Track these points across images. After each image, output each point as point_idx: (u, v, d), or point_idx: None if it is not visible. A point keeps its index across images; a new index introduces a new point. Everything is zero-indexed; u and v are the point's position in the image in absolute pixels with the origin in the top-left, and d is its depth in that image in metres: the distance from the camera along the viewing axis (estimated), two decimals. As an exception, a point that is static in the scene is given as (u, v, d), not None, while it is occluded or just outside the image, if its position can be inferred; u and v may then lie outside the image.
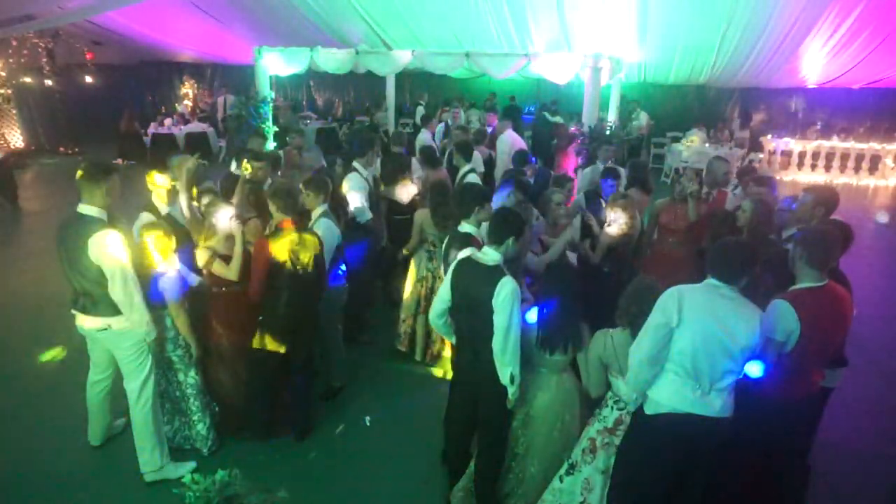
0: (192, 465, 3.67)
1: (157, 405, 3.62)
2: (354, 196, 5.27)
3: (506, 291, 2.93)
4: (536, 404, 3.21)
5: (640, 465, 2.78)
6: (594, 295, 3.56)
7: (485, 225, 3.69)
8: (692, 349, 2.59)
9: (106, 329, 3.41)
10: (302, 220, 4.10)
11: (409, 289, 5.04)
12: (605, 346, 2.95)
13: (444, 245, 3.85)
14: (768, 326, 2.79)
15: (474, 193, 3.80)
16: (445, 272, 3.64)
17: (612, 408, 3.00)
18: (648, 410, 2.74)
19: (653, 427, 2.72)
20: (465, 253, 3.26)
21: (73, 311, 3.50)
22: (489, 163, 7.43)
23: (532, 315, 3.14)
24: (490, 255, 3.07)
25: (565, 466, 3.07)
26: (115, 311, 3.35)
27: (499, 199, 4.32)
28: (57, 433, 4.06)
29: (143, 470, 3.57)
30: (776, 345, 2.83)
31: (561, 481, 3.07)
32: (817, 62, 12.03)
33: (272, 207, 3.84)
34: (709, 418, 2.64)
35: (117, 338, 3.43)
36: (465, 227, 3.65)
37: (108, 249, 3.24)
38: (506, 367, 2.98)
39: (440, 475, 3.69)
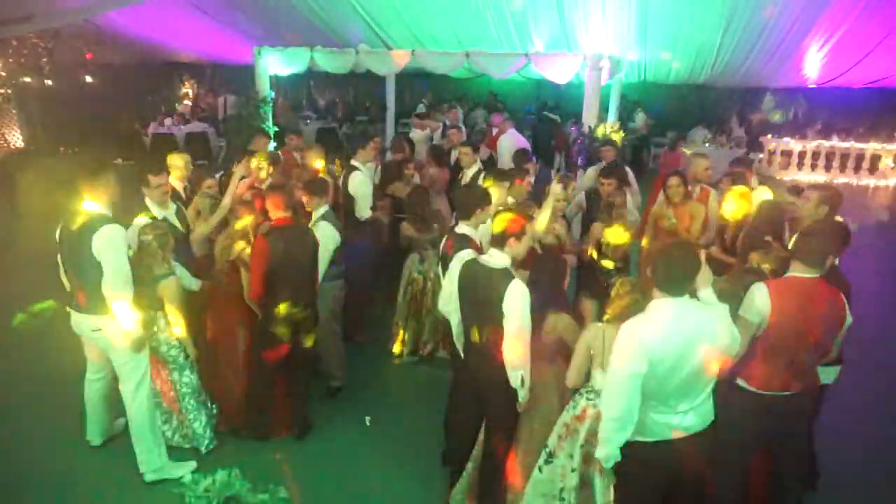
0: (192, 464, 3.67)
1: (153, 405, 3.61)
2: (360, 195, 5.29)
3: (515, 295, 2.92)
4: None
5: (629, 492, 2.71)
6: (596, 294, 3.56)
7: (482, 227, 3.69)
8: (667, 385, 2.42)
9: (99, 330, 3.40)
10: (297, 217, 4.11)
11: (400, 291, 5.08)
12: (596, 337, 2.94)
13: (441, 247, 3.85)
14: (744, 306, 2.84)
15: (474, 195, 3.80)
16: (444, 274, 3.65)
17: (583, 395, 3.01)
18: (630, 437, 2.54)
19: (634, 454, 2.55)
20: (466, 255, 3.25)
21: (68, 310, 3.49)
22: (490, 162, 7.43)
23: None
24: (496, 258, 3.07)
25: (544, 456, 3.06)
26: (109, 311, 3.33)
27: None
28: (56, 433, 4.07)
29: (142, 470, 3.57)
30: (747, 325, 2.83)
31: (540, 471, 3.06)
32: (817, 62, 12.03)
33: (268, 205, 3.84)
34: (692, 435, 2.54)
35: (111, 338, 3.41)
36: (463, 228, 3.64)
37: (112, 243, 3.24)
38: (516, 371, 2.99)
39: (440, 476, 3.68)
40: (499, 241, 3.08)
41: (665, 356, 2.37)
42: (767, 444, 3.08)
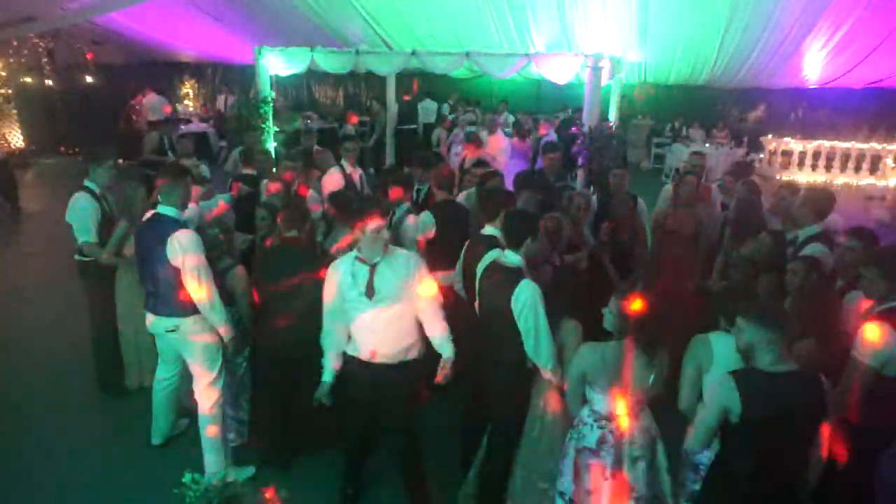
0: (251, 469, 3.67)
1: (223, 406, 3.62)
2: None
3: (525, 295, 2.94)
4: None
5: None
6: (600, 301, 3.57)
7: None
8: None
9: (175, 330, 3.42)
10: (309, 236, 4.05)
11: None
12: (593, 363, 2.80)
13: (463, 250, 3.87)
14: None
15: (499, 196, 3.82)
16: (464, 278, 3.66)
17: (591, 426, 2.84)
18: None
19: None
20: (492, 256, 3.28)
21: (144, 311, 3.51)
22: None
23: None
24: (510, 258, 3.10)
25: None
26: (185, 311, 3.37)
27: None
28: (56, 431, 4.07)
29: (207, 470, 3.52)
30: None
31: None
32: (818, 62, 12.03)
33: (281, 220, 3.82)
34: None
35: (187, 338, 3.44)
36: (490, 230, 3.68)
37: (190, 248, 3.26)
38: (545, 366, 3.02)
39: (441, 479, 3.67)
40: (512, 241, 3.11)
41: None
42: None
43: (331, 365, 3.25)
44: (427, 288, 3.15)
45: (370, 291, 3.03)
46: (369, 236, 2.99)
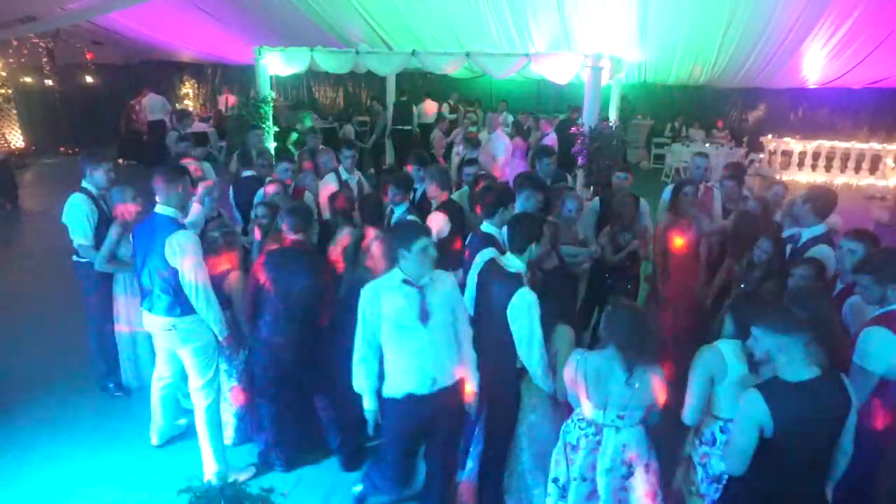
0: (251, 469, 3.68)
1: (219, 405, 3.63)
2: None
3: (522, 303, 2.92)
4: None
5: None
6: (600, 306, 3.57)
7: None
8: None
9: (171, 329, 3.42)
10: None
11: None
12: (577, 370, 2.76)
13: (466, 246, 3.88)
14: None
15: (498, 194, 3.82)
16: (466, 273, 3.67)
17: (575, 423, 2.87)
18: None
19: None
20: (489, 254, 3.26)
21: (142, 309, 3.53)
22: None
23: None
24: (512, 263, 3.08)
25: (556, 491, 2.94)
26: (182, 311, 3.37)
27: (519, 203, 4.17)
28: (55, 433, 4.06)
29: (206, 472, 3.54)
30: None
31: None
32: (817, 63, 12.03)
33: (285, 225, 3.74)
34: None
35: (183, 337, 3.45)
36: (488, 227, 3.66)
37: (187, 249, 3.27)
38: (535, 372, 3.03)
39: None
40: (516, 246, 3.08)
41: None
42: None
43: (372, 395, 3.06)
44: (465, 311, 3.08)
45: (424, 315, 2.86)
46: (417, 255, 2.80)
